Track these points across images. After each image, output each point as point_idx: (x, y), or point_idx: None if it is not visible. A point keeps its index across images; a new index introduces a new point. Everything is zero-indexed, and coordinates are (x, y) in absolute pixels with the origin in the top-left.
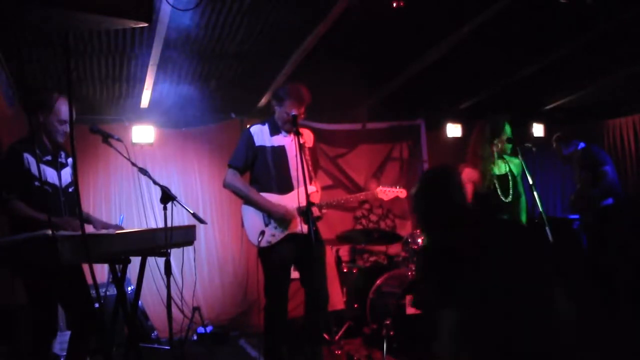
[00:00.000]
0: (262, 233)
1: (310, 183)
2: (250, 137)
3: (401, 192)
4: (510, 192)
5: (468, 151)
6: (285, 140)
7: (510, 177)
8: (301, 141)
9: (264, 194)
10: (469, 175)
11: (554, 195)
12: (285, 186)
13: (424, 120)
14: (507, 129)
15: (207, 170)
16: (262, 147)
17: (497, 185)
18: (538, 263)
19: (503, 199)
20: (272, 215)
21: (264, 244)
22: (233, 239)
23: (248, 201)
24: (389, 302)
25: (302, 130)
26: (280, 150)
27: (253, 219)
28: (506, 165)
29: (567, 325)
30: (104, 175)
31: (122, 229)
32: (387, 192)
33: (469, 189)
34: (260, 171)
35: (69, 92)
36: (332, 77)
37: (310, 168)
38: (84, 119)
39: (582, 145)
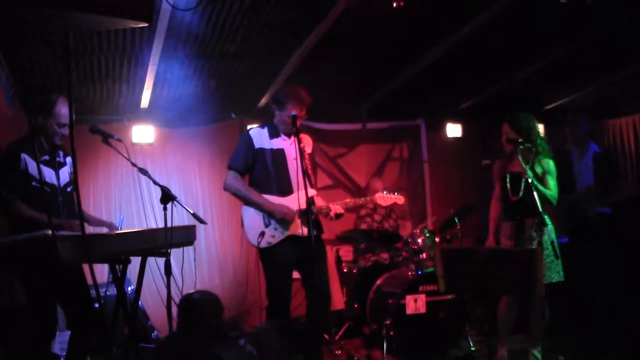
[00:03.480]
0: (262, 234)
1: (310, 187)
2: (249, 139)
3: (399, 199)
4: (520, 192)
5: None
6: (284, 143)
7: (524, 177)
8: (301, 145)
9: (264, 196)
10: (495, 171)
11: None
12: (285, 189)
13: (424, 120)
14: (507, 127)
15: (207, 170)
16: (262, 150)
17: (507, 181)
18: None
19: (510, 197)
20: (273, 215)
21: (263, 244)
22: (233, 239)
23: (249, 202)
24: (389, 302)
25: (301, 135)
26: (280, 153)
27: (253, 219)
28: (527, 164)
29: None
30: (104, 175)
31: (116, 227)
32: (386, 197)
33: (498, 184)
34: (260, 173)
35: (69, 92)
36: (332, 77)
37: (310, 172)
38: (84, 119)
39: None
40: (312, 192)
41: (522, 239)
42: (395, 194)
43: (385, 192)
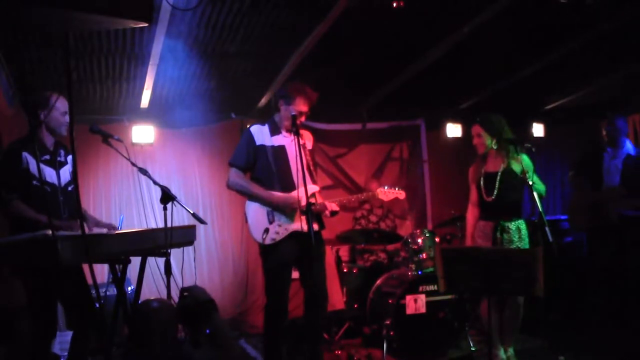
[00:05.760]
0: (267, 230)
1: (312, 183)
2: (251, 136)
3: (400, 194)
4: (495, 191)
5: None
6: (285, 140)
7: (499, 176)
8: (301, 142)
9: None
10: (470, 175)
11: (553, 195)
12: (287, 185)
13: (424, 120)
14: (477, 128)
15: (207, 170)
16: (263, 147)
17: (481, 183)
18: None
19: (484, 198)
20: (279, 207)
21: (268, 241)
22: (233, 239)
23: (253, 198)
24: (389, 302)
25: (302, 131)
26: (281, 150)
27: (257, 216)
28: (502, 164)
29: None
30: (104, 175)
31: (116, 227)
32: (387, 193)
33: (473, 187)
34: (262, 170)
35: (69, 92)
36: (332, 77)
37: (312, 168)
38: (84, 119)
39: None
40: (314, 187)
41: (502, 240)
42: (397, 188)
43: (386, 187)
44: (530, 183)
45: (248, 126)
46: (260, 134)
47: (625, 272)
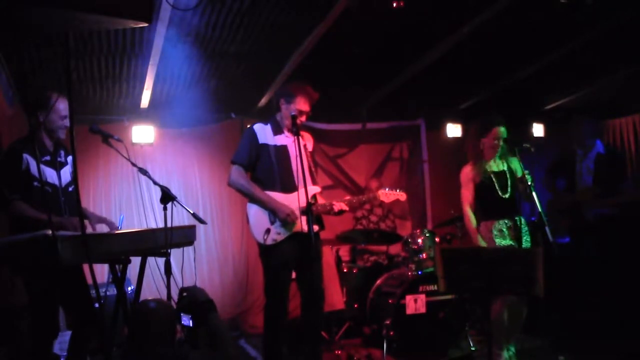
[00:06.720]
0: (268, 231)
1: (313, 184)
2: (254, 134)
3: (401, 195)
4: (509, 189)
5: (466, 150)
6: (287, 140)
7: (508, 175)
8: (302, 143)
9: (268, 192)
10: (467, 175)
11: None
12: (289, 185)
13: (424, 120)
14: (502, 130)
15: (207, 170)
16: (266, 145)
17: (494, 181)
18: None
19: (501, 195)
20: (277, 214)
21: (269, 242)
22: (233, 239)
23: (253, 199)
24: (389, 302)
25: (302, 132)
26: (283, 150)
27: (259, 216)
28: (504, 163)
29: None
30: (104, 176)
31: (116, 225)
32: (388, 194)
33: (469, 188)
34: (264, 170)
35: (69, 92)
36: (332, 77)
37: (313, 169)
38: (84, 119)
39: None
40: (316, 189)
41: (520, 237)
42: (398, 190)
43: (387, 189)
44: (529, 183)
45: (250, 125)
46: (263, 132)
47: (611, 270)
